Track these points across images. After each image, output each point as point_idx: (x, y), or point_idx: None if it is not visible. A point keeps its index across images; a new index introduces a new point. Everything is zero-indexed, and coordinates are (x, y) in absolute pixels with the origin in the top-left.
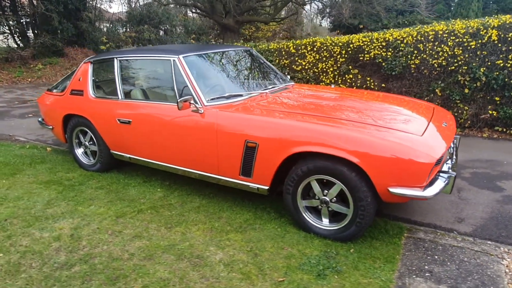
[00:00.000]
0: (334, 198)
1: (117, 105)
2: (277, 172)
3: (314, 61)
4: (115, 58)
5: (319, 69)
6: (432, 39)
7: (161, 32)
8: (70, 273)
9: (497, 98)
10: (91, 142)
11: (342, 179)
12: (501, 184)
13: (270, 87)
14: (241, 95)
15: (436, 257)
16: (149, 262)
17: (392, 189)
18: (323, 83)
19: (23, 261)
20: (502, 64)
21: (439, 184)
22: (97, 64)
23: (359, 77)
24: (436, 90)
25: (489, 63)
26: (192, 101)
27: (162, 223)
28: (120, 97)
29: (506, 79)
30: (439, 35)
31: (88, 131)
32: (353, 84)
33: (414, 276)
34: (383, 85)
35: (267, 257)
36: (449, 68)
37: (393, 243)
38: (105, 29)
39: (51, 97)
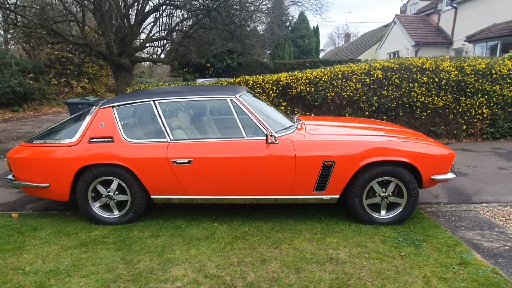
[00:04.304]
0: (390, 193)
1: (168, 147)
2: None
3: None
4: (152, 101)
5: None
6: (341, 77)
7: None
8: None
9: (384, 117)
10: (116, 192)
11: (399, 177)
12: None
13: (295, 118)
14: (291, 126)
15: (453, 218)
16: (304, 273)
17: (434, 177)
18: None
19: None
20: (386, 94)
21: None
22: (124, 108)
23: (289, 108)
24: (346, 114)
25: (378, 93)
26: (272, 134)
27: (265, 246)
28: (168, 139)
29: (389, 104)
30: (346, 74)
31: (116, 179)
32: None
33: (459, 231)
34: (308, 113)
35: (372, 245)
36: (354, 98)
37: (423, 218)
38: None
39: (47, 149)
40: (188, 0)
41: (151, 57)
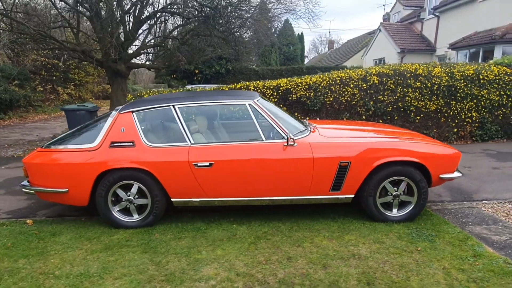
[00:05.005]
0: (402, 192)
1: (190, 150)
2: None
3: None
4: (171, 106)
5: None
6: (339, 83)
7: None
8: None
9: (380, 121)
10: (137, 196)
11: (410, 176)
12: None
13: (306, 121)
14: (306, 129)
15: (459, 215)
16: (331, 269)
17: (442, 175)
18: None
19: None
20: (382, 99)
21: None
22: (144, 113)
23: (288, 113)
24: (344, 119)
25: (374, 98)
26: (291, 137)
27: (288, 244)
28: (189, 143)
29: (385, 108)
30: (343, 80)
31: (137, 183)
32: None
33: (466, 226)
34: (307, 118)
35: (389, 241)
36: (352, 103)
37: (431, 215)
38: None
39: (67, 154)
40: (185, 8)
41: (146, 63)
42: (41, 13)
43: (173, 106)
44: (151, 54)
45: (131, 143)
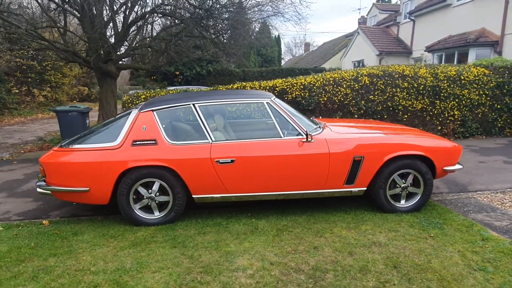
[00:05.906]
0: (409, 184)
1: (212, 147)
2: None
3: None
4: (192, 105)
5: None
6: (333, 83)
7: None
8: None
9: (371, 119)
10: (158, 193)
11: (417, 169)
12: None
13: (313, 118)
14: (319, 126)
15: (459, 204)
16: (357, 256)
17: (446, 168)
18: None
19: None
20: (372, 98)
21: None
22: (164, 112)
23: None
24: (337, 117)
25: (366, 98)
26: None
27: (310, 235)
28: (210, 140)
29: (375, 107)
30: (337, 80)
31: (158, 181)
32: None
33: (469, 214)
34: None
35: (402, 229)
36: (344, 102)
37: (435, 205)
38: None
39: (88, 153)
40: (176, 9)
41: (136, 64)
42: (24, 12)
43: (193, 104)
44: (139, 55)
45: (153, 141)
